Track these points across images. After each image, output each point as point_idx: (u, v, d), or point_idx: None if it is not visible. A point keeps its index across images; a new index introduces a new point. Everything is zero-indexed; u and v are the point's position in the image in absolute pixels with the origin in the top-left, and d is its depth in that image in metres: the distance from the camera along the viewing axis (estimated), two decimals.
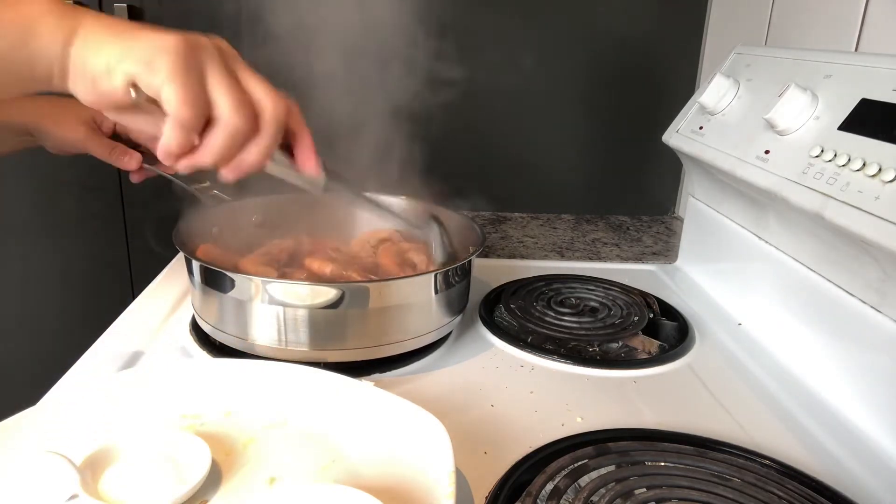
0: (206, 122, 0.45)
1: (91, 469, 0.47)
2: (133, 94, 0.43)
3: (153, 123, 0.45)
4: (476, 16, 1.17)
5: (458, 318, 0.74)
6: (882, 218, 0.55)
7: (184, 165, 0.46)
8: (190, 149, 0.45)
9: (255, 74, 0.48)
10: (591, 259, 1.05)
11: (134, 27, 0.44)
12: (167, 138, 0.44)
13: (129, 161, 0.74)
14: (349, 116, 0.98)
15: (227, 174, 0.48)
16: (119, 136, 0.76)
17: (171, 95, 0.43)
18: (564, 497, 0.48)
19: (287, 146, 0.52)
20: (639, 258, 1.06)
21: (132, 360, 0.68)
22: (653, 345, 0.76)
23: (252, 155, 0.47)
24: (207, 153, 0.46)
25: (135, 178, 0.76)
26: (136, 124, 0.47)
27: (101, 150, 0.73)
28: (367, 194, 0.66)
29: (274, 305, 0.62)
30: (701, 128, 0.87)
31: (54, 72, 0.44)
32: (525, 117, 1.25)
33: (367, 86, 0.97)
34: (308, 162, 0.53)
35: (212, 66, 0.44)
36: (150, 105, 0.44)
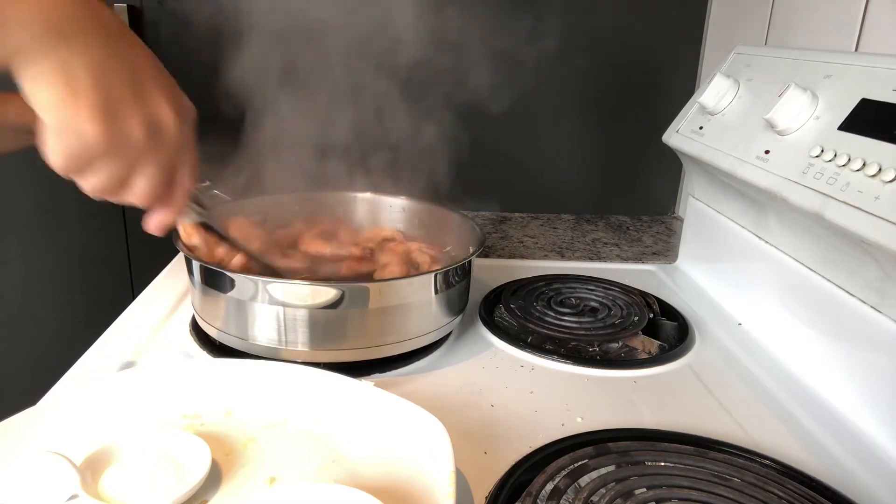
0: None
1: (91, 469, 0.47)
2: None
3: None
4: (476, 16, 1.17)
5: (458, 318, 0.74)
6: (882, 218, 0.55)
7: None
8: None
9: (167, 168, 0.46)
10: (591, 259, 1.05)
11: (101, 68, 0.40)
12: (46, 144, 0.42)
13: None
14: (349, 116, 0.98)
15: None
16: None
17: (54, 144, 0.41)
18: (564, 497, 0.48)
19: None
20: (639, 258, 1.06)
21: (132, 360, 0.68)
22: (653, 345, 0.76)
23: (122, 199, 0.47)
24: (78, 180, 0.44)
25: None
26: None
27: None
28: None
29: (274, 305, 0.62)
30: (701, 128, 0.87)
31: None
32: (525, 117, 1.25)
33: (366, 86, 0.97)
34: (151, 221, 0.51)
35: (115, 164, 0.43)
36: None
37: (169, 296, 0.83)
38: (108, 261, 1.27)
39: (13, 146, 0.75)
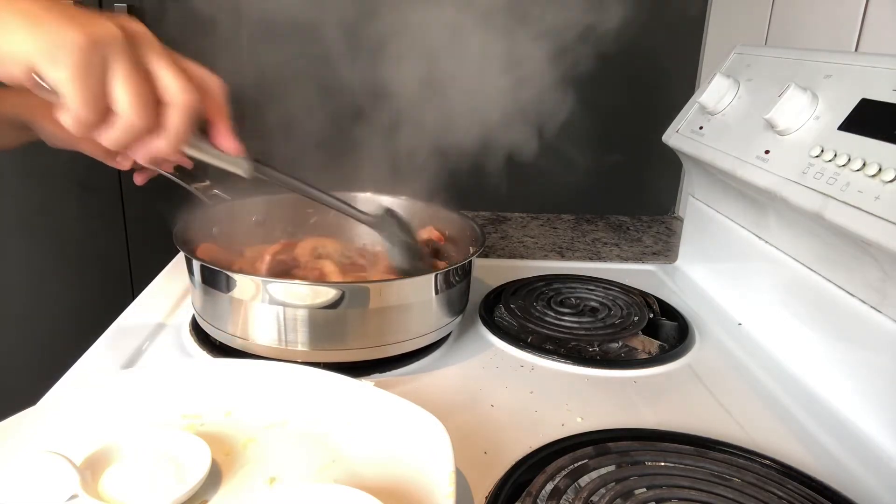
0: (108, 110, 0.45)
1: (91, 469, 0.47)
2: (37, 79, 0.43)
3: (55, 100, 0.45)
4: (476, 16, 1.17)
5: (458, 319, 0.74)
6: (882, 218, 0.55)
7: (81, 132, 0.46)
8: (94, 127, 0.45)
9: (170, 61, 0.47)
10: (591, 259, 1.05)
11: (50, 11, 0.43)
12: (66, 121, 0.45)
13: (123, 161, 0.73)
14: (349, 115, 0.98)
15: (140, 160, 0.49)
16: None
17: (69, 94, 0.43)
18: (564, 497, 0.48)
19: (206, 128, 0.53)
20: (639, 258, 1.06)
21: (132, 360, 0.68)
22: (653, 345, 0.76)
23: (159, 145, 0.48)
24: (107, 140, 0.46)
25: (138, 180, 0.76)
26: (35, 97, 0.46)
27: (95, 150, 0.72)
28: (301, 181, 0.65)
29: (274, 305, 0.62)
30: (701, 128, 0.87)
31: None
32: (525, 117, 1.25)
33: (366, 85, 0.97)
34: (225, 141, 0.53)
35: (116, 60, 0.44)
36: (51, 92, 0.44)
37: (169, 296, 0.83)
38: (108, 261, 1.27)
39: (14, 141, 0.75)
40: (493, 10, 1.16)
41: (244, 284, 0.63)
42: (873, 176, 0.57)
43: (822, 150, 0.64)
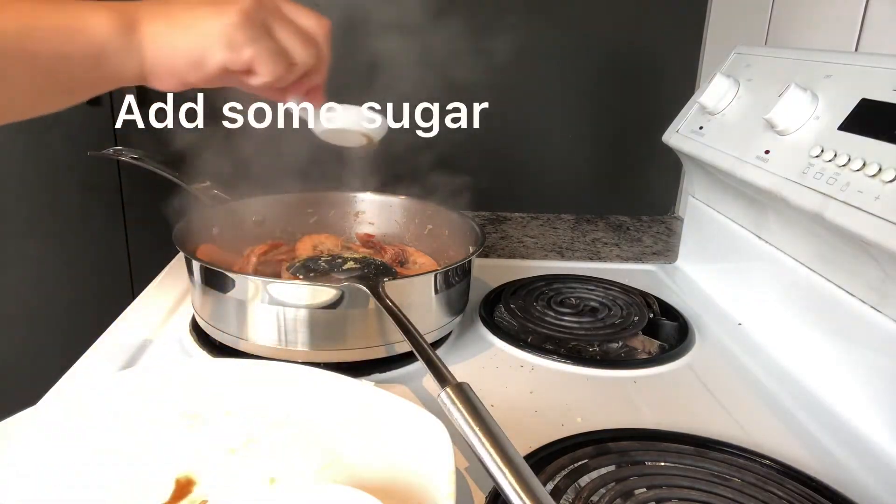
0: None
1: None
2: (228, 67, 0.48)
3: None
4: (476, 16, 1.17)
5: (458, 318, 0.74)
6: (882, 218, 0.55)
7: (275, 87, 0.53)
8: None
9: (298, 8, 0.52)
10: (591, 259, 1.05)
11: (187, 4, 0.48)
12: (260, 82, 0.51)
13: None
14: None
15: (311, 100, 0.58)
16: None
17: (261, 68, 0.49)
18: (564, 497, 0.48)
19: None
20: (639, 258, 1.06)
21: (132, 359, 0.68)
22: (653, 345, 0.76)
23: (318, 79, 0.56)
24: (284, 82, 0.52)
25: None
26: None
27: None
28: None
29: (274, 305, 0.62)
30: (701, 128, 0.87)
31: (130, 76, 0.48)
32: (525, 117, 1.25)
33: (365, 84, 0.96)
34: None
35: (273, 19, 0.49)
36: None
37: (169, 296, 0.83)
38: (108, 261, 1.27)
39: (50, 107, 0.64)
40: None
41: (244, 285, 0.63)
42: (873, 176, 0.57)
43: (822, 150, 0.64)
